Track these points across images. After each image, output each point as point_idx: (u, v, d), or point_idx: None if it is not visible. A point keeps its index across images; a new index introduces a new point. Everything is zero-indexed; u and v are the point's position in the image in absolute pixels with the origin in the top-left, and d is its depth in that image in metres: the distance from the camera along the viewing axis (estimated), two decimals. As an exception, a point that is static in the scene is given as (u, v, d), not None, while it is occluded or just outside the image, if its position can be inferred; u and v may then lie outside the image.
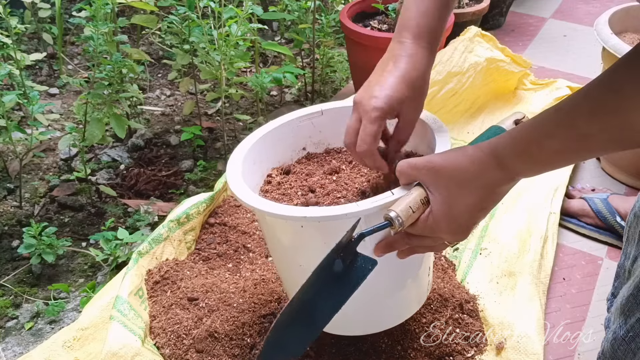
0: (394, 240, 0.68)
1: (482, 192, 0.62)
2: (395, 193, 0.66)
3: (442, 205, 0.63)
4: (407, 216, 0.63)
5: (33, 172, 1.38)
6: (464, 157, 0.62)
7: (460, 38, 1.54)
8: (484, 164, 0.61)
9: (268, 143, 0.85)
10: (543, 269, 1.06)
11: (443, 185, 0.63)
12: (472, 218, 0.64)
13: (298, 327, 0.64)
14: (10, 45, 1.23)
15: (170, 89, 1.74)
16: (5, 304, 1.05)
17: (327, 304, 0.64)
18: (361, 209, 0.66)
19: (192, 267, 1.01)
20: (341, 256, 0.64)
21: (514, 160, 0.59)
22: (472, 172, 0.61)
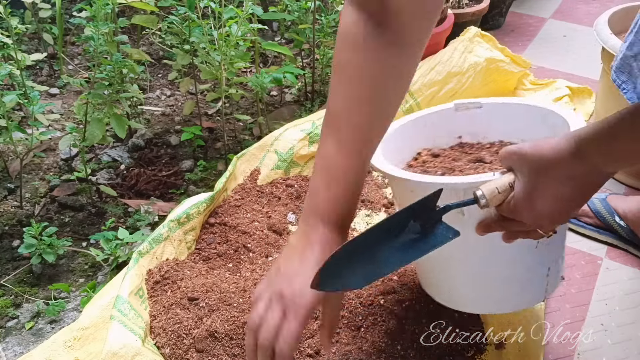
0: (491, 221, 0.70)
1: (561, 181, 0.62)
2: (496, 175, 0.69)
3: (522, 190, 0.64)
4: (491, 196, 0.66)
5: (33, 172, 1.38)
6: (547, 144, 0.62)
7: (460, 38, 1.54)
8: (562, 152, 0.61)
9: (421, 125, 0.95)
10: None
11: (525, 171, 0.64)
12: (552, 207, 0.63)
13: (359, 264, 0.67)
14: (11, 46, 1.23)
15: (170, 89, 1.74)
16: (5, 304, 1.05)
17: (394, 256, 0.67)
18: (460, 181, 0.73)
19: (192, 267, 1.01)
20: (420, 219, 0.68)
21: (596, 153, 0.59)
22: (550, 160, 0.61)
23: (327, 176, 0.72)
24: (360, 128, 0.72)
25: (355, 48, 0.70)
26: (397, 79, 0.72)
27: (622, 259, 1.14)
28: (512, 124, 0.95)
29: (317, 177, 0.73)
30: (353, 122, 0.71)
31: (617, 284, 1.09)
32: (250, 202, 1.18)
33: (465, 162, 0.89)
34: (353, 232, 1.15)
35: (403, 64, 0.71)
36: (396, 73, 0.71)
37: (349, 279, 0.67)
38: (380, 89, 0.71)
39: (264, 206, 1.18)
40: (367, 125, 0.72)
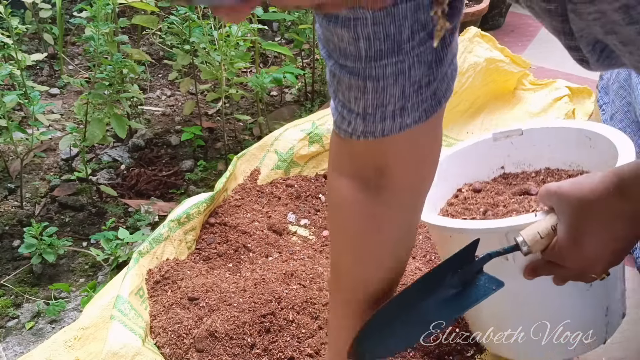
0: (537, 265, 0.67)
1: (606, 223, 0.58)
2: (538, 215, 0.65)
3: (565, 234, 0.60)
4: (533, 242, 0.62)
5: (34, 172, 1.38)
6: (589, 184, 0.59)
7: (459, 38, 1.54)
8: (606, 194, 0.57)
9: (460, 160, 0.90)
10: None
11: (567, 213, 0.60)
12: (601, 250, 0.59)
13: (402, 326, 0.65)
14: (11, 46, 1.23)
15: (170, 89, 1.75)
16: (6, 304, 1.05)
17: (436, 314, 0.64)
18: (499, 225, 0.69)
19: (192, 267, 1.01)
20: (458, 272, 0.64)
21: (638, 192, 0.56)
22: (593, 202, 0.58)
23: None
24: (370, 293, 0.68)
25: (354, 215, 0.65)
26: (403, 235, 0.68)
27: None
28: (558, 149, 0.90)
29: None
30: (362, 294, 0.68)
31: (616, 284, 1.09)
32: (250, 202, 1.18)
33: (509, 195, 0.85)
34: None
35: (406, 220, 0.67)
36: (400, 232, 0.67)
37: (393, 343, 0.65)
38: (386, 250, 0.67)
39: (264, 206, 1.19)
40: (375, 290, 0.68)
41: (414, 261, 1.07)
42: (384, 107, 0.57)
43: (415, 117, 0.58)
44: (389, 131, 0.58)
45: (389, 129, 0.58)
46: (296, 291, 0.96)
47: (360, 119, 0.58)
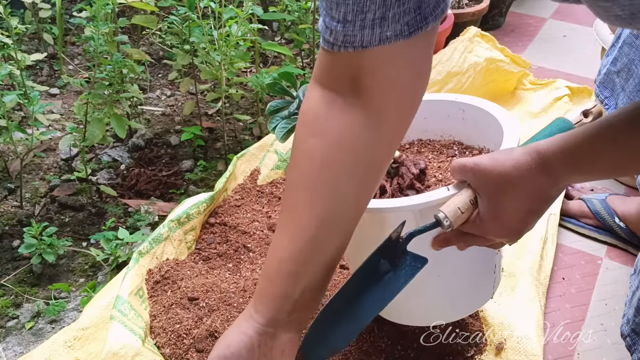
0: (450, 237, 0.68)
1: (528, 197, 0.61)
2: (450, 189, 0.67)
3: (488, 209, 0.63)
4: (455, 217, 0.64)
5: (34, 172, 1.38)
6: (510, 161, 0.61)
7: (459, 38, 1.54)
8: (528, 170, 0.60)
9: None
10: (543, 270, 1.06)
11: (488, 190, 0.63)
12: (520, 222, 0.63)
13: (341, 324, 0.65)
14: (11, 46, 1.23)
15: (170, 89, 1.75)
16: (5, 304, 1.05)
17: (373, 302, 0.65)
18: (413, 203, 0.69)
19: (192, 267, 1.01)
20: (387, 256, 0.65)
21: (562, 168, 0.59)
22: (516, 177, 0.60)
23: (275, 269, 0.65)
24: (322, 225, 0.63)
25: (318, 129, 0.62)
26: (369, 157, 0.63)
27: (621, 259, 1.15)
28: (431, 121, 0.94)
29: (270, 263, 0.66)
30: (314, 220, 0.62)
31: (617, 284, 1.09)
32: (250, 202, 1.18)
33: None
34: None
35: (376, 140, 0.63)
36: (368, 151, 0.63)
37: (335, 341, 0.66)
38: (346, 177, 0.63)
39: (264, 206, 1.18)
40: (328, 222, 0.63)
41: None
42: (363, 15, 0.56)
43: (397, 29, 0.57)
44: (368, 42, 0.57)
45: (368, 40, 0.57)
46: (296, 291, 0.96)
47: (341, 26, 0.57)
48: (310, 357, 0.66)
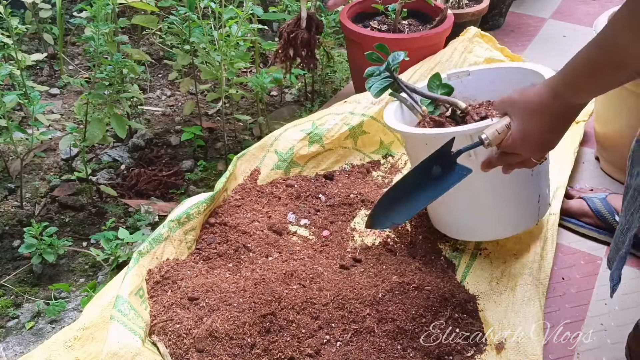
0: (492, 158, 0.86)
1: (546, 117, 0.78)
2: (494, 120, 0.85)
3: (518, 128, 0.80)
4: (493, 137, 0.82)
5: (34, 172, 1.38)
6: (532, 91, 0.79)
7: (459, 38, 1.54)
8: (543, 96, 0.77)
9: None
10: (543, 270, 1.06)
11: (518, 114, 0.81)
12: (543, 138, 0.80)
13: (400, 204, 0.88)
14: (11, 46, 1.23)
15: (170, 89, 1.75)
16: (6, 304, 1.05)
17: (425, 194, 0.88)
18: (466, 129, 0.92)
19: (192, 267, 1.01)
20: (440, 163, 0.87)
21: (565, 90, 0.75)
22: (535, 103, 0.78)
23: None
24: None
25: None
26: None
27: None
28: (497, 85, 1.12)
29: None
30: None
31: (616, 283, 1.09)
32: (250, 202, 1.18)
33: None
34: (353, 231, 1.15)
35: None
36: None
37: (394, 217, 0.89)
38: None
39: (264, 206, 1.19)
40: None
41: (413, 261, 1.07)
42: None
43: None
44: None
45: None
46: (296, 291, 0.96)
47: None
48: (375, 223, 0.90)
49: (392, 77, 1.09)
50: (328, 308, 0.95)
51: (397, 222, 0.96)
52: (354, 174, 1.31)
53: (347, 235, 1.14)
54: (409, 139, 1.06)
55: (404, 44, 1.46)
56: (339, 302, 0.96)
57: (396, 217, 0.90)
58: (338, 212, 1.20)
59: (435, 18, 1.56)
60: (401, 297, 0.97)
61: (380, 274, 1.03)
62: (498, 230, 1.06)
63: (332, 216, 1.19)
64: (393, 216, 0.89)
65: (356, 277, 1.02)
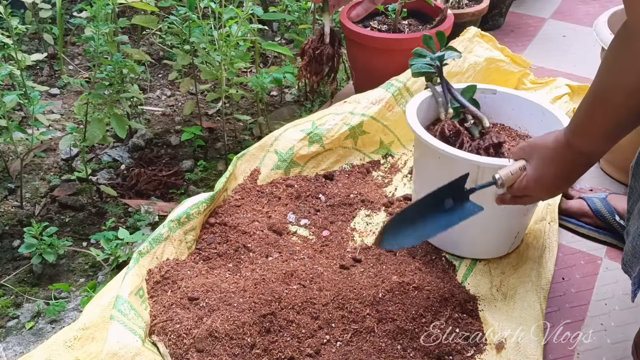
0: (505, 197, 0.92)
1: (559, 164, 0.82)
2: (510, 162, 0.90)
3: (533, 172, 0.85)
4: (506, 178, 0.87)
5: (34, 172, 1.38)
6: (550, 137, 0.83)
7: (459, 38, 1.54)
8: (559, 143, 0.81)
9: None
10: (543, 277, 1.06)
11: (535, 158, 0.85)
12: (555, 184, 0.84)
13: (409, 228, 0.90)
14: (11, 46, 1.23)
15: (170, 89, 1.75)
16: (6, 304, 1.05)
17: (435, 224, 0.91)
18: (478, 160, 0.96)
19: (192, 267, 1.01)
20: (453, 196, 0.91)
21: (574, 138, 0.79)
22: (552, 149, 0.82)
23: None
24: None
25: None
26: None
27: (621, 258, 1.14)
28: (516, 113, 1.16)
29: None
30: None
31: (616, 283, 1.09)
32: (250, 202, 1.18)
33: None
34: (353, 231, 1.15)
35: None
36: None
37: (402, 240, 0.90)
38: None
39: (264, 206, 1.19)
40: None
41: (413, 261, 1.07)
42: None
43: None
44: None
45: None
46: (296, 291, 0.96)
47: None
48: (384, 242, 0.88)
49: (438, 68, 1.11)
50: (328, 308, 0.95)
51: (404, 246, 0.99)
52: (354, 174, 1.31)
53: (347, 235, 1.14)
54: (422, 145, 1.05)
55: (404, 44, 1.46)
56: (339, 302, 0.96)
57: (404, 241, 0.91)
58: (338, 212, 1.20)
59: (435, 18, 1.56)
60: (401, 297, 0.97)
61: (380, 274, 1.03)
62: (486, 251, 1.11)
63: (332, 216, 1.19)
64: (401, 239, 0.90)
65: (356, 277, 1.02)
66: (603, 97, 0.73)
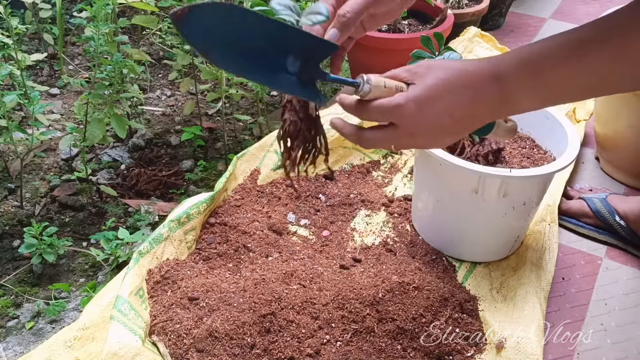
0: (357, 105, 0.64)
1: (466, 98, 0.57)
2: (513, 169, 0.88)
3: (424, 92, 0.58)
4: (376, 85, 0.62)
5: (34, 172, 1.38)
6: (465, 61, 0.59)
7: (459, 38, 1.54)
8: (481, 72, 0.57)
9: None
10: (543, 279, 1.06)
11: (432, 75, 0.59)
12: (437, 120, 0.58)
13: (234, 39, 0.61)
14: (11, 46, 1.23)
15: (170, 89, 1.75)
16: (6, 304, 1.05)
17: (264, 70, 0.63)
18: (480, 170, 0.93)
19: (192, 267, 1.01)
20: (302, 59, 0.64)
21: (515, 79, 0.56)
22: (467, 73, 0.57)
23: None
24: None
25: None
26: None
27: (621, 258, 1.15)
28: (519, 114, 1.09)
29: None
30: None
31: (616, 283, 1.09)
32: (251, 202, 1.18)
33: None
34: (353, 231, 1.15)
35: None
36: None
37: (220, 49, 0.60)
38: None
39: (264, 206, 1.19)
40: None
41: (413, 261, 1.07)
42: None
43: None
44: None
45: None
46: (296, 291, 0.96)
47: None
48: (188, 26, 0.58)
49: None
50: (328, 308, 0.95)
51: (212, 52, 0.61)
52: (354, 174, 1.31)
53: (347, 235, 1.14)
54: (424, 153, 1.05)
55: (404, 44, 1.46)
56: (339, 302, 0.96)
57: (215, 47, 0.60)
58: (338, 212, 1.20)
59: (435, 18, 1.56)
60: (401, 297, 0.97)
61: (380, 274, 1.03)
62: (486, 254, 1.10)
63: (332, 216, 1.19)
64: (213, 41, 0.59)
65: (356, 277, 1.02)
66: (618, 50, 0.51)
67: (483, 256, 1.10)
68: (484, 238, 1.07)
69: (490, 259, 1.10)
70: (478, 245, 1.09)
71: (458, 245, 1.09)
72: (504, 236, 1.08)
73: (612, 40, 0.51)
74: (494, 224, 1.04)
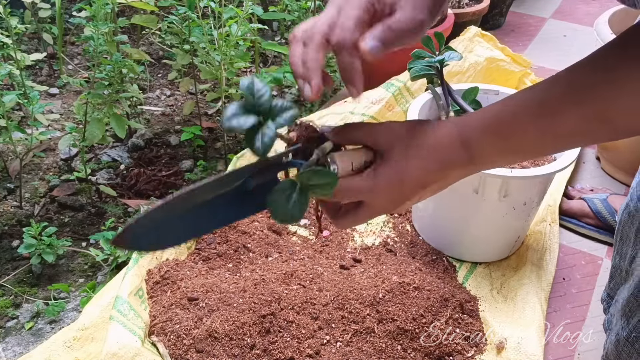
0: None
1: (436, 167, 0.56)
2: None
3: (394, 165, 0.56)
4: (344, 171, 0.58)
5: (33, 172, 1.38)
6: (430, 124, 0.57)
7: (460, 38, 1.54)
8: (447, 137, 0.55)
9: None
10: (544, 279, 1.06)
11: (400, 150, 0.56)
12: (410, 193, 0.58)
13: (185, 219, 0.59)
14: (11, 45, 1.23)
15: (170, 89, 1.74)
16: (5, 304, 1.05)
17: (224, 213, 0.61)
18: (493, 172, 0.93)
19: (192, 267, 1.01)
20: (255, 177, 0.60)
21: (481, 140, 0.54)
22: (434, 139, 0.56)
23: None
24: None
25: None
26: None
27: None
28: None
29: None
30: None
31: (617, 284, 1.09)
32: (250, 202, 1.18)
33: None
34: (353, 231, 1.15)
35: None
36: None
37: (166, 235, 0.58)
38: None
39: (263, 206, 1.18)
40: None
41: (414, 261, 1.07)
42: None
43: None
44: None
45: None
46: (296, 291, 0.96)
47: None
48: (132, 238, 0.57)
49: (438, 71, 1.06)
50: (328, 308, 0.95)
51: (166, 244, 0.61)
52: (354, 173, 1.31)
53: (347, 236, 1.14)
54: None
55: (404, 43, 1.45)
56: (339, 302, 0.95)
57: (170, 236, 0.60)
58: (338, 212, 1.20)
59: (436, 18, 1.55)
60: (401, 297, 0.97)
61: (380, 274, 1.02)
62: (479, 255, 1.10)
63: (332, 216, 1.18)
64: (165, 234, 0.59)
65: (356, 277, 1.02)
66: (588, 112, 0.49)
67: (483, 256, 1.10)
68: (484, 238, 1.07)
69: (491, 259, 1.10)
70: (478, 246, 1.08)
71: (458, 246, 1.09)
72: (505, 236, 1.07)
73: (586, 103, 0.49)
74: (494, 224, 1.04)
